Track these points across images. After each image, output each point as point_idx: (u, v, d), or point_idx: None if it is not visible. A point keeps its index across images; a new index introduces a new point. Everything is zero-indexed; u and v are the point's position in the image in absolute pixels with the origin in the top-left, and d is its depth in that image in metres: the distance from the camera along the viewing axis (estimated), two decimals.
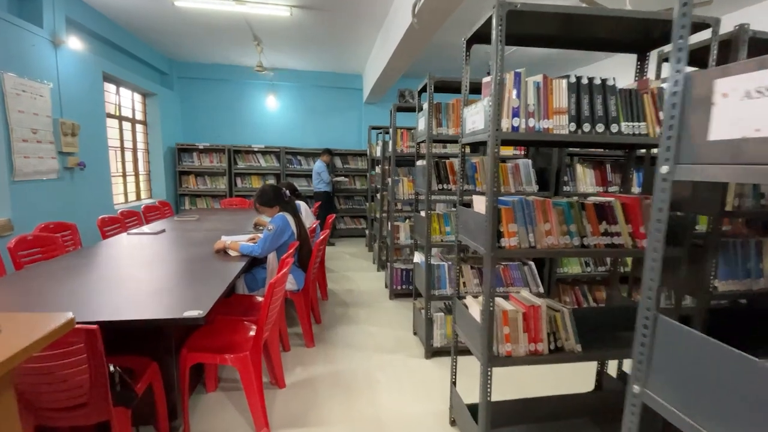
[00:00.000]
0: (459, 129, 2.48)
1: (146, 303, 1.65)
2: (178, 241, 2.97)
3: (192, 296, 1.74)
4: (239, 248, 2.49)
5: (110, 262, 2.29)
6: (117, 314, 1.52)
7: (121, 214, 3.71)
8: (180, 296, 1.73)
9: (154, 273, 2.10)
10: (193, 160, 6.36)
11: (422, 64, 5.83)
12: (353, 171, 6.88)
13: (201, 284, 1.93)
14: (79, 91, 3.91)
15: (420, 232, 2.75)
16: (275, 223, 2.53)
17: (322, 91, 6.97)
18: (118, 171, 5.08)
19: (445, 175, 2.51)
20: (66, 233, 3.05)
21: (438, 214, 2.55)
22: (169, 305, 1.62)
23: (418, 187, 2.79)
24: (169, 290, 1.81)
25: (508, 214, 1.51)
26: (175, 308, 1.58)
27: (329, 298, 3.73)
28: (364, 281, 4.31)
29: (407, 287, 3.73)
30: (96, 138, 4.24)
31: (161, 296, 1.73)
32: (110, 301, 1.66)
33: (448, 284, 2.59)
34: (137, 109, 5.63)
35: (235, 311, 2.35)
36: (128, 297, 1.71)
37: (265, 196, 2.65)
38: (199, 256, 2.49)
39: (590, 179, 2.75)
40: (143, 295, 1.74)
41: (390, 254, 3.74)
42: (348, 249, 5.98)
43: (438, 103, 2.45)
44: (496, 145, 1.45)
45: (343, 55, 5.96)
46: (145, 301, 1.67)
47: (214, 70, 6.54)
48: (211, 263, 2.35)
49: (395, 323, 3.19)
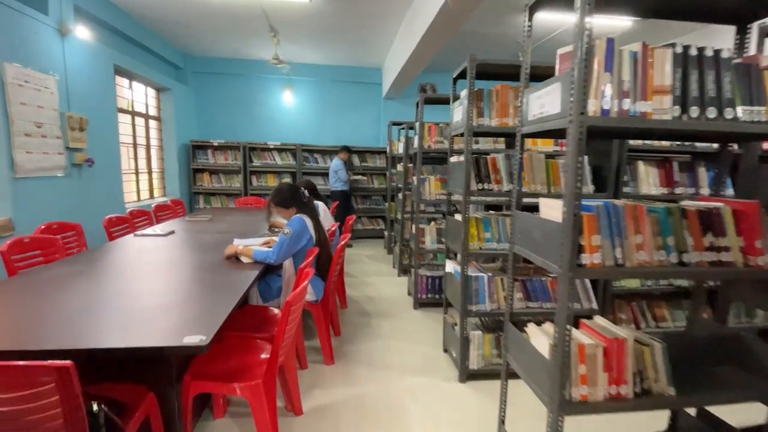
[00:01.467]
0: (503, 119, 2.14)
1: (140, 324, 1.38)
2: (187, 244, 2.72)
3: (195, 315, 1.46)
4: (252, 255, 2.22)
5: (110, 270, 2.05)
6: (103, 340, 1.26)
7: (130, 213, 3.51)
8: (181, 315, 1.46)
9: (156, 284, 1.84)
10: (207, 157, 6.18)
11: (446, 56, 5.48)
12: (371, 169, 6.58)
13: (208, 298, 1.66)
14: (88, 84, 3.72)
15: (453, 238, 2.42)
16: (292, 226, 2.25)
17: (339, 86, 6.70)
18: (131, 168, 4.91)
19: (486, 173, 2.18)
20: (69, 234, 2.85)
21: (476, 218, 2.23)
22: (167, 328, 1.35)
23: (452, 186, 2.47)
24: (169, 307, 1.54)
25: (591, 223, 1.18)
26: (173, 332, 1.31)
27: (348, 306, 3.44)
28: (386, 287, 4.01)
29: (433, 296, 3.41)
30: (106, 133, 4.06)
31: (159, 315, 1.46)
32: (98, 322, 1.39)
33: (487, 298, 2.27)
34: (151, 105, 5.46)
35: (247, 325, 2.08)
36: (121, 316, 1.45)
37: (281, 195, 2.37)
38: (208, 263, 2.23)
39: (653, 179, 2.37)
40: (139, 313, 1.48)
41: (414, 259, 3.42)
42: (366, 251, 5.69)
43: (479, 89, 2.13)
44: (580, 134, 1.12)
45: (363, 48, 5.66)
46: (140, 321, 1.41)
47: (230, 65, 6.34)
48: (221, 271, 2.08)
49: (422, 337, 2.88)
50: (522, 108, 1.48)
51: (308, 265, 1.94)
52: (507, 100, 2.13)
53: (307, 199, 2.41)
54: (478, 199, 2.83)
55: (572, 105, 1.13)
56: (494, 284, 2.28)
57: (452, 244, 2.47)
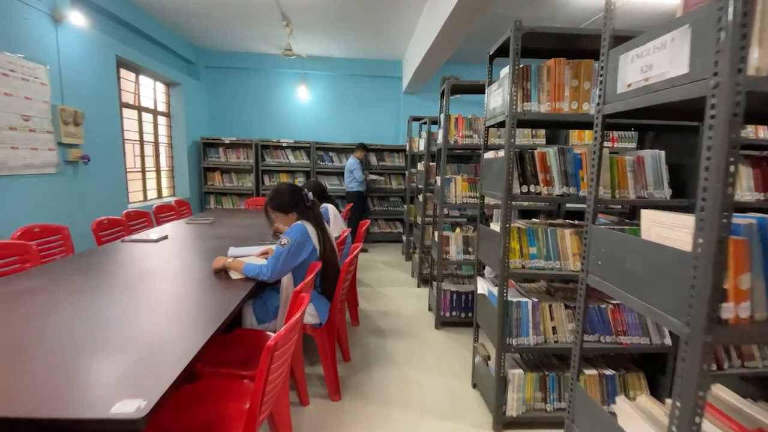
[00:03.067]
0: (556, 104, 1.68)
1: (68, 376, 1.01)
2: (178, 252, 2.39)
3: (152, 359, 1.09)
4: (242, 269, 1.85)
5: (70, 286, 1.71)
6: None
7: (126, 215, 3.22)
8: (131, 360, 1.08)
9: (118, 307, 1.48)
10: (218, 155, 5.92)
11: (471, 45, 5.01)
12: (389, 168, 6.17)
13: (179, 327, 1.29)
14: (85, 76, 3.47)
15: (488, 253, 1.98)
16: (291, 235, 1.86)
17: (356, 80, 6.31)
18: (136, 166, 4.67)
19: (532, 172, 1.72)
20: (53, 239, 2.57)
21: (520, 229, 1.77)
22: (103, 383, 0.98)
23: (486, 188, 2.03)
24: (121, 345, 1.17)
25: (740, 252, 0.73)
26: (107, 393, 0.93)
27: (361, 323, 3.04)
28: (403, 300, 3.59)
29: (459, 314, 2.97)
30: (108, 129, 3.81)
31: (102, 359, 1.10)
32: (11, 370, 1.03)
33: (531, 330, 1.81)
34: (160, 100, 5.23)
35: (233, 357, 1.71)
36: (47, 361, 1.08)
37: (279, 198, 1.98)
38: (194, 277, 1.87)
39: (747, 182, 1.86)
40: (74, 356, 1.11)
41: (437, 271, 2.99)
42: (382, 257, 5.28)
43: (525, 66, 1.68)
44: (735, 106, 0.67)
45: (381, 37, 5.25)
46: (70, 370, 1.04)
47: (243, 59, 6.06)
48: (206, 289, 1.72)
49: (447, 367, 2.44)
50: (604, 78, 1.03)
51: (306, 287, 1.54)
52: (562, 80, 1.67)
53: (311, 203, 2.02)
54: (521, 205, 2.37)
55: (718, 59, 0.67)
56: (540, 312, 1.82)
57: (486, 259, 2.02)
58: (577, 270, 1.81)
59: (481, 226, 2.10)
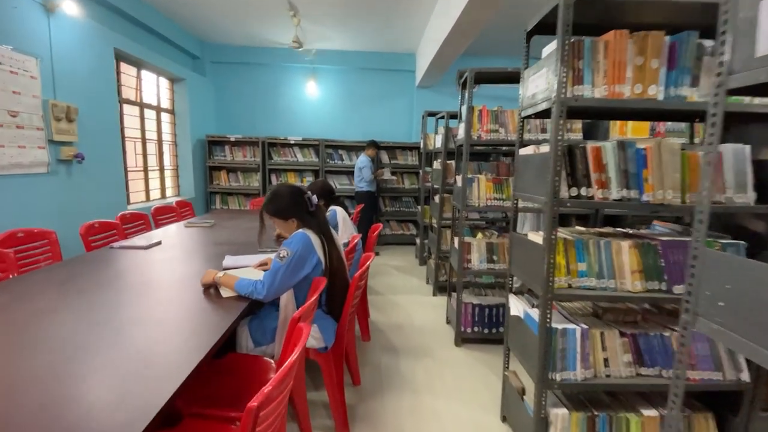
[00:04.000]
0: (615, 88, 1.36)
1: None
2: (170, 261, 2.14)
3: (110, 412, 0.82)
4: (234, 285, 1.58)
5: (33, 306, 1.46)
6: None
7: (120, 218, 3.00)
8: (85, 411, 0.82)
9: (82, 334, 1.23)
10: (224, 153, 5.70)
11: (490, 35, 4.67)
12: (402, 167, 5.86)
13: (153, 363, 1.02)
14: (80, 69, 3.26)
15: (526, 268, 1.67)
16: (291, 247, 1.59)
17: (367, 74, 6.03)
18: (138, 165, 4.48)
19: (584, 172, 1.41)
20: (38, 244, 2.35)
21: (566, 241, 1.46)
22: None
23: (522, 190, 1.72)
24: (70, 391, 0.91)
25: None
26: None
27: (372, 338, 2.76)
28: (418, 311, 3.29)
29: (482, 330, 2.66)
30: (106, 126, 3.60)
31: (38, 413, 0.83)
32: None
33: (578, 362, 1.50)
34: (164, 96, 5.03)
35: (223, 390, 1.44)
36: None
37: (277, 201, 1.70)
38: (181, 293, 1.62)
39: None
40: (3, 403, 0.85)
41: (456, 281, 2.68)
42: (394, 261, 4.99)
43: (576, 41, 1.36)
44: None
45: (394, 29, 4.95)
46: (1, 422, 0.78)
47: (250, 53, 5.83)
48: (194, 307, 1.46)
49: (469, 393, 2.14)
50: (729, 36, 0.72)
51: (306, 313, 1.26)
52: (623, 57, 1.35)
53: (314, 208, 1.74)
54: (569, 210, 2.06)
55: None
56: (590, 341, 1.51)
57: (522, 275, 1.71)
58: (637, 291, 1.49)
59: (514, 234, 1.79)
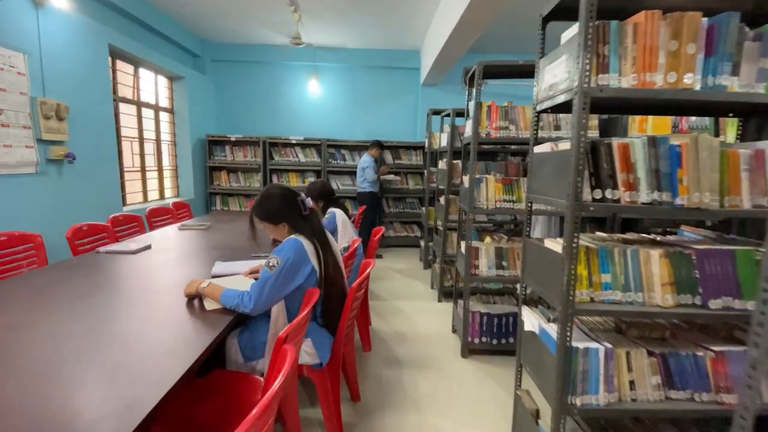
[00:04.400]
0: (646, 76, 1.20)
1: None
2: (158, 267, 2.00)
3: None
4: (219, 297, 1.44)
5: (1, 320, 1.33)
6: None
7: (112, 220, 2.87)
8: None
9: (52, 349, 1.09)
10: (225, 153, 5.59)
11: (498, 31, 4.50)
12: (405, 167, 5.71)
13: (126, 382, 0.87)
14: (71, 65, 3.14)
15: (542, 278, 1.51)
16: (282, 254, 1.44)
17: (371, 72, 5.88)
18: (135, 166, 4.37)
19: (609, 171, 1.24)
20: (21, 249, 2.23)
21: (589, 249, 1.30)
22: None
23: (538, 192, 1.55)
24: (33, 415, 0.77)
25: None
26: None
27: (373, 348, 2.60)
28: (422, 318, 3.13)
29: (490, 341, 2.50)
30: (99, 125, 3.49)
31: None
32: None
33: (601, 385, 1.33)
34: (162, 95, 4.92)
35: (206, 413, 1.30)
36: None
37: (267, 204, 1.56)
38: (165, 303, 1.48)
39: None
40: None
41: (462, 286, 2.52)
42: (397, 264, 4.83)
43: (602, 24, 1.20)
44: None
45: (398, 25, 4.79)
46: None
47: (251, 51, 5.71)
48: (177, 319, 1.32)
49: (477, 411, 1.98)
50: None
51: (294, 332, 1.12)
52: (654, 41, 1.19)
53: (308, 212, 1.59)
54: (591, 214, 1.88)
55: None
56: (615, 362, 1.34)
57: (538, 287, 1.55)
58: (668, 306, 1.33)
59: (528, 240, 1.63)
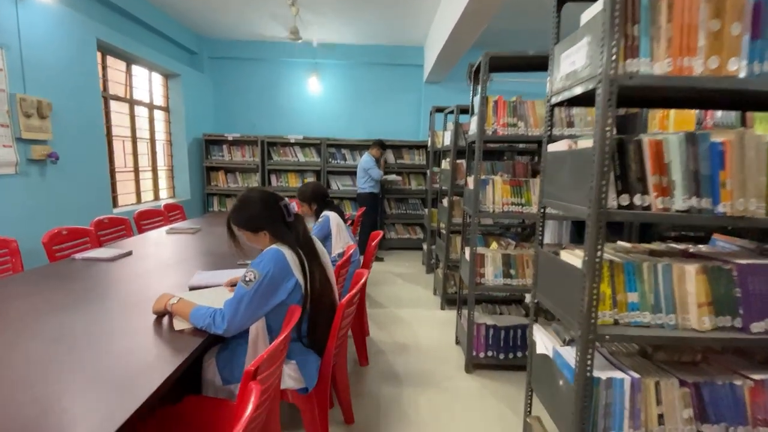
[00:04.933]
0: (683, 61, 1.02)
1: None
2: (135, 276, 1.85)
3: None
4: (189, 316, 1.27)
5: None
6: None
7: (96, 224, 2.72)
8: None
9: None
10: (222, 153, 5.44)
11: (504, 24, 4.31)
12: (408, 167, 5.53)
13: (77, 413, 0.71)
14: (55, 61, 3.00)
15: (558, 296, 1.33)
16: (260, 267, 1.27)
17: (372, 69, 5.70)
18: (128, 166, 4.23)
19: (639, 174, 1.06)
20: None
21: (613, 263, 1.12)
22: None
23: (554, 197, 1.37)
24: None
25: None
26: None
27: (370, 361, 2.43)
28: (424, 328, 2.96)
29: (496, 355, 2.32)
30: (86, 123, 3.34)
31: None
32: None
33: (626, 422, 1.15)
34: (158, 93, 4.78)
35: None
36: None
37: (245, 209, 1.39)
38: (130, 324, 1.31)
39: None
40: None
41: (467, 294, 2.34)
42: (399, 267, 4.65)
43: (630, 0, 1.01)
44: None
45: (400, 20, 4.61)
46: None
47: (250, 48, 5.55)
48: (142, 345, 1.15)
49: None
50: None
51: (264, 364, 0.95)
52: (693, 19, 1.00)
53: (292, 218, 1.42)
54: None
55: None
56: (643, 394, 1.16)
57: (554, 305, 1.37)
58: (704, 329, 1.14)
59: (542, 251, 1.44)
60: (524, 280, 2.27)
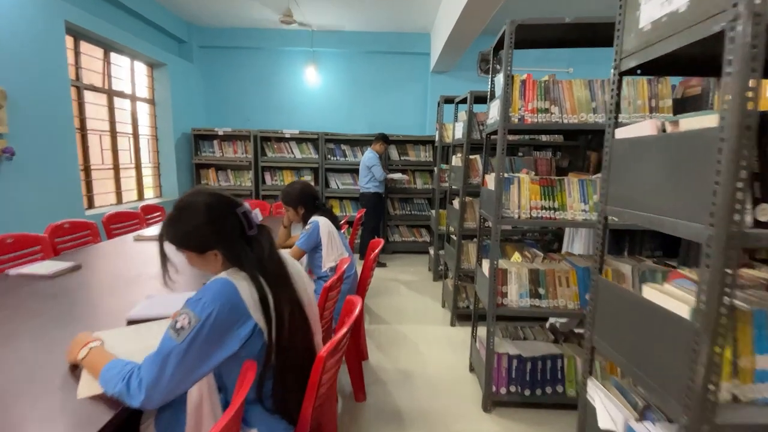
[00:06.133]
0: None
1: None
2: (74, 299, 1.46)
3: None
4: (99, 377, 0.88)
5: None
6: None
7: (52, 230, 2.35)
8: None
9: None
10: (213, 149, 5.06)
11: (513, 9, 3.87)
12: (413, 164, 5.13)
13: None
14: (11, 45, 2.62)
15: (642, 355, 0.91)
16: (198, 308, 0.87)
17: (374, 58, 5.29)
18: (106, 163, 3.86)
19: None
20: None
21: (738, 311, 0.71)
22: None
23: (627, 203, 0.96)
24: None
25: None
26: None
27: (369, 395, 2.03)
28: (433, 350, 2.56)
29: (520, 391, 1.91)
30: (50, 115, 2.97)
31: None
32: None
33: None
34: (142, 84, 4.41)
35: None
36: None
37: (186, 220, 0.97)
38: (42, 372, 0.92)
39: None
40: None
41: (486, 317, 1.93)
42: (404, 274, 4.25)
43: None
44: None
45: (405, 4, 4.19)
46: None
47: (243, 36, 5.16)
48: (51, 404, 0.76)
49: None
50: None
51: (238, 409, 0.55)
52: None
53: (255, 231, 1.02)
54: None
55: None
56: None
57: (628, 364, 0.96)
58: None
59: (607, 284, 1.03)
60: (556, 302, 1.86)
